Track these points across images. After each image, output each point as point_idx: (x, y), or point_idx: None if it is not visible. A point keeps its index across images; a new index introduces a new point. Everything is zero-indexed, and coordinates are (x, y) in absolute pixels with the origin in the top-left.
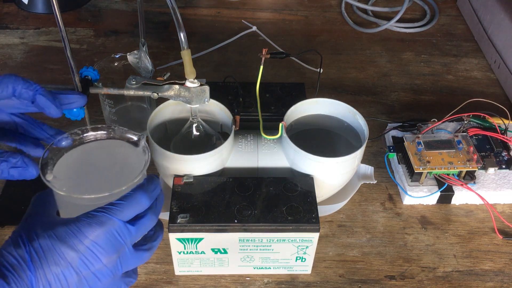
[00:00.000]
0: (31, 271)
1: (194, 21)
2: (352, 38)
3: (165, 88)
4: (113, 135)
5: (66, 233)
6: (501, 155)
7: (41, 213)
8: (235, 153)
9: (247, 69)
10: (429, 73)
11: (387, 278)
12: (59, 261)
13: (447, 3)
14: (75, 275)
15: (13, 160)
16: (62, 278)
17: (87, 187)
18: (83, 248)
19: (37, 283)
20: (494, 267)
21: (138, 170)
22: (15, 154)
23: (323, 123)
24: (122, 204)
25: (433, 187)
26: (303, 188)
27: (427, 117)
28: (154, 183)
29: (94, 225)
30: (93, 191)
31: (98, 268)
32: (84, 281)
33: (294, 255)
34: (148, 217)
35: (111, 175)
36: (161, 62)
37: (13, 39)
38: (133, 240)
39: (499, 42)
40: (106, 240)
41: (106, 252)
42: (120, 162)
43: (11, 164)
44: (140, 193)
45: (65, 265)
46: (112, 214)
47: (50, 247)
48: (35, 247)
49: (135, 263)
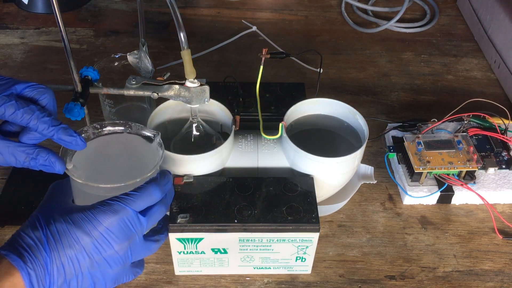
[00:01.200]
0: (47, 253)
1: (194, 21)
2: (352, 38)
3: (165, 88)
4: (130, 130)
5: (82, 219)
6: (501, 155)
7: (58, 200)
8: (235, 153)
9: (247, 69)
10: (429, 73)
11: (387, 278)
12: (73, 245)
13: (447, 3)
14: (87, 259)
15: (41, 159)
16: (75, 261)
17: (103, 177)
18: (97, 234)
19: (51, 264)
20: (494, 267)
21: (152, 165)
22: (43, 152)
23: (323, 123)
24: (135, 195)
25: (433, 187)
26: (303, 188)
27: (427, 117)
28: (166, 178)
29: (109, 213)
30: (109, 181)
31: (110, 254)
32: (96, 266)
33: (294, 255)
34: (158, 209)
35: (126, 168)
36: (161, 62)
37: (13, 39)
38: (143, 230)
39: (499, 42)
40: (118, 227)
41: (118, 239)
42: (135, 156)
43: (39, 162)
44: (153, 186)
45: (79, 248)
46: (125, 204)
47: (65, 231)
48: (51, 230)
49: (144, 253)
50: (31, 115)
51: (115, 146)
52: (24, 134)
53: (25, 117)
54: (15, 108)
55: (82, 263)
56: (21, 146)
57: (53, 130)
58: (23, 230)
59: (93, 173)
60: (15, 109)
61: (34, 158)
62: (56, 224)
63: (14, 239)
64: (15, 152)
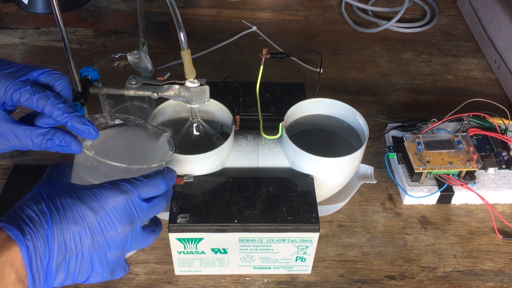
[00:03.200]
0: (49, 226)
1: (194, 21)
2: (352, 38)
3: (165, 88)
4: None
5: (87, 195)
6: (501, 155)
7: (58, 178)
8: (235, 153)
9: (247, 69)
10: (429, 73)
11: (387, 278)
12: (77, 220)
13: (447, 3)
14: (90, 237)
15: (57, 139)
16: (77, 237)
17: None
18: (102, 212)
19: (52, 238)
20: (494, 267)
21: (160, 158)
22: (58, 133)
23: (323, 123)
24: (143, 181)
25: (433, 187)
26: (303, 188)
27: (427, 117)
28: (173, 173)
29: (116, 191)
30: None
31: (112, 236)
32: (97, 247)
33: (294, 255)
34: (160, 201)
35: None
36: (161, 62)
37: (13, 39)
38: (145, 218)
39: (499, 42)
40: (124, 209)
41: (121, 221)
42: (146, 148)
43: (55, 143)
44: (160, 177)
45: (83, 225)
46: (133, 186)
47: (70, 206)
48: (55, 204)
49: (141, 244)
50: (46, 101)
51: (128, 136)
52: (39, 118)
53: (40, 103)
54: (30, 93)
55: (84, 241)
56: (37, 129)
57: (67, 117)
58: (23, 203)
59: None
60: (30, 94)
61: (50, 139)
62: (60, 198)
63: (13, 211)
64: (31, 135)
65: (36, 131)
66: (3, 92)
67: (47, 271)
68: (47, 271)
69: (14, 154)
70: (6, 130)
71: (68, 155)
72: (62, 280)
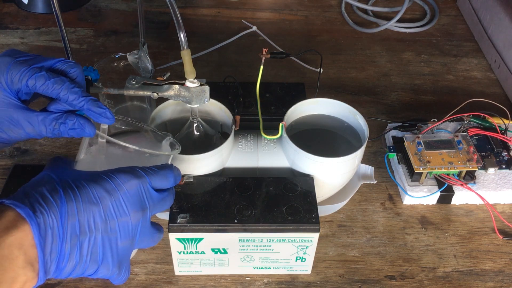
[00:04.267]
0: (63, 204)
1: (194, 21)
2: (352, 38)
3: (165, 88)
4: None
5: (101, 177)
6: (501, 155)
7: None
8: (235, 153)
9: (247, 69)
10: (429, 73)
11: (387, 278)
12: (92, 200)
13: (447, 3)
14: (103, 220)
15: (70, 122)
16: (91, 218)
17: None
18: (116, 195)
19: (66, 217)
20: (494, 267)
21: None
22: (71, 116)
23: (323, 123)
24: (154, 170)
25: (433, 187)
26: (303, 188)
27: (427, 117)
28: (178, 170)
29: (130, 175)
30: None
31: (124, 221)
32: (109, 230)
33: (294, 255)
34: (167, 196)
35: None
36: (161, 62)
37: (13, 39)
38: (154, 209)
39: (499, 42)
40: (136, 194)
41: (134, 206)
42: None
43: (69, 126)
44: (169, 170)
45: (97, 205)
46: (145, 173)
47: (84, 186)
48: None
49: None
50: (62, 85)
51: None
52: (52, 104)
53: (56, 87)
54: (46, 78)
55: (97, 224)
56: (49, 114)
57: (83, 101)
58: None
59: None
60: (45, 79)
61: (63, 123)
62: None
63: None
64: (44, 121)
65: (49, 116)
66: (18, 78)
67: (60, 254)
68: (60, 253)
69: (14, 154)
70: (20, 117)
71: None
72: (73, 266)
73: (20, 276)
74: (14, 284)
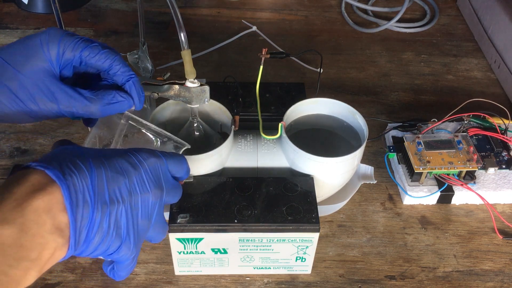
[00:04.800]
0: (92, 170)
1: (194, 21)
2: (352, 38)
3: (165, 88)
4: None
5: (124, 152)
6: (501, 155)
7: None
8: (234, 153)
9: (247, 69)
10: (429, 73)
11: (387, 278)
12: (119, 170)
13: (447, 3)
14: (128, 192)
15: (108, 97)
16: (117, 189)
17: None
18: (139, 170)
19: (96, 185)
20: (494, 267)
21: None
22: (108, 91)
23: (322, 123)
24: (171, 155)
25: (433, 187)
26: (303, 188)
27: (427, 117)
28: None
29: (150, 154)
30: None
31: (145, 197)
32: (133, 204)
33: (294, 255)
34: (179, 186)
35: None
36: (161, 62)
37: (13, 39)
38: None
39: (499, 42)
40: (156, 173)
41: (154, 184)
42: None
43: (106, 101)
44: (183, 158)
45: (123, 176)
46: (164, 156)
47: (109, 157)
48: (93, 153)
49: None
50: (115, 56)
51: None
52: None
53: (110, 57)
54: (99, 49)
55: (123, 196)
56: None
57: (133, 75)
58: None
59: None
60: (99, 49)
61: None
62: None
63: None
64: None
65: (86, 91)
66: (72, 48)
67: (90, 221)
68: (90, 220)
69: (14, 154)
70: (58, 91)
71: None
72: (101, 238)
73: (49, 242)
74: (44, 252)
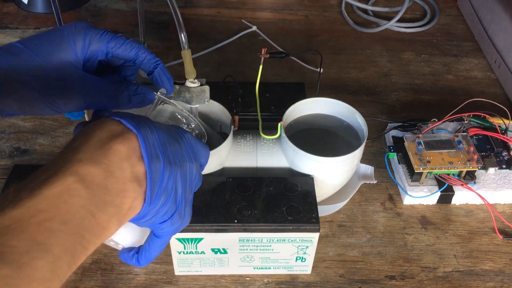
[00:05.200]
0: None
1: (194, 21)
2: (352, 38)
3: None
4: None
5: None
6: (501, 155)
7: None
8: (234, 153)
9: (247, 69)
10: (429, 73)
11: (387, 278)
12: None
13: (447, 3)
14: (182, 158)
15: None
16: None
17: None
18: (184, 140)
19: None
20: (494, 267)
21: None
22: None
23: (322, 122)
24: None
25: (433, 187)
26: (303, 188)
27: (427, 117)
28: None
29: (189, 132)
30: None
31: (192, 166)
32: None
33: (294, 255)
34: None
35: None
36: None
37: (13, 39)
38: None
39: (499, 42)
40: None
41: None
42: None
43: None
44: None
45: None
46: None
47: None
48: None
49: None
50: (139, 45)
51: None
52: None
53: (135, 47)
54: (124, 39)
55: (178, 159)
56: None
57: (159, 62)
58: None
59: None
60: (123, 40)
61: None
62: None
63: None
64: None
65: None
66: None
67: (161, 177)
68: (161, 176)
69: (14, 154)
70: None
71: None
72: (164, 199)
73: (129, 190)
74: (125, 200)
